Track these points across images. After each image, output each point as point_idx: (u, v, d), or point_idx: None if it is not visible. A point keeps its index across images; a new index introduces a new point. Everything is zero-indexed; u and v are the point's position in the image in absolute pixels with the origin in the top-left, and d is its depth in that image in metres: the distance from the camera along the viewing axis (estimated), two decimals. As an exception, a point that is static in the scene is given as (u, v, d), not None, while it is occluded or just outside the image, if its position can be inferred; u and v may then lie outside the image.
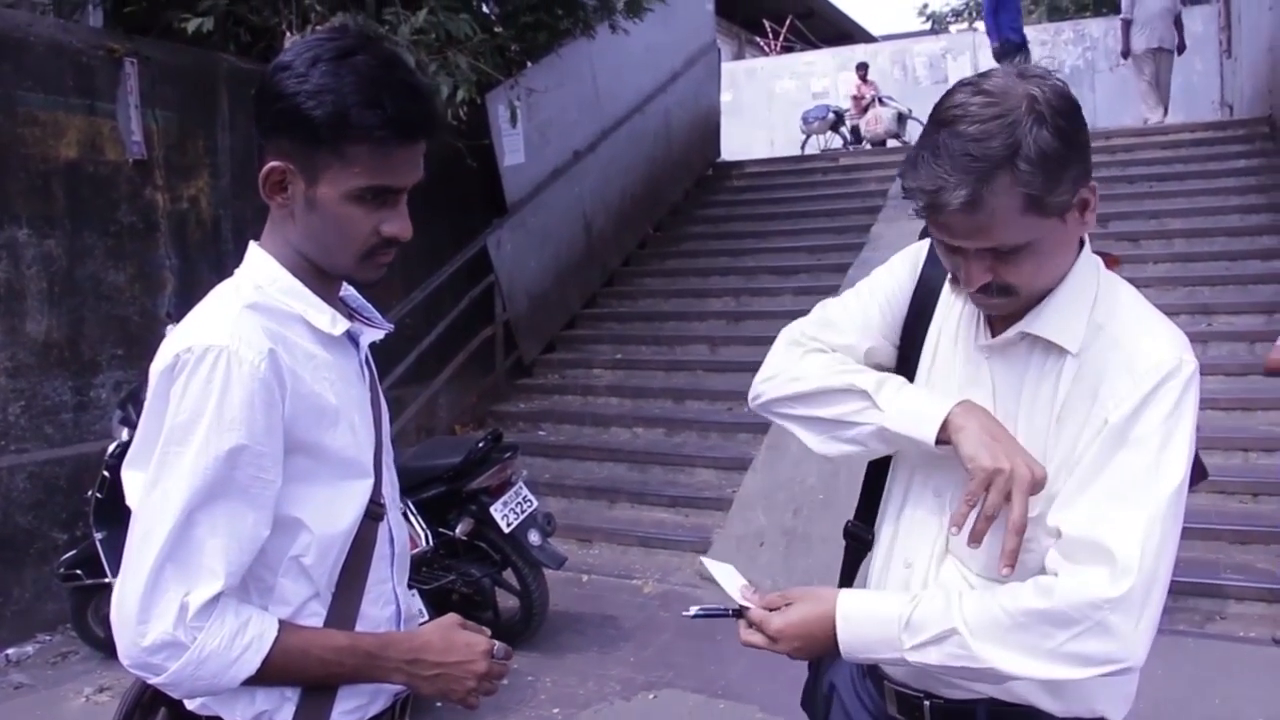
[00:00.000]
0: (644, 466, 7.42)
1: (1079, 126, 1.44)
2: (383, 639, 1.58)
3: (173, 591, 1.40)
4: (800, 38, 21.00)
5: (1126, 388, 1.45)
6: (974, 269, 1.50)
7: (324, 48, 1.48)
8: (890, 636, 1.51)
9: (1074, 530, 1.45)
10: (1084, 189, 1.47)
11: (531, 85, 8.06)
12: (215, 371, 1.43)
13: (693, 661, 4.83)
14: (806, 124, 16.22)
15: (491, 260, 8.32)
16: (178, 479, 1.42)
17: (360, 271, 1.58)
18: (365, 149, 1.46)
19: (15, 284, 5.31)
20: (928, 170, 1.43)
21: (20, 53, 5.34)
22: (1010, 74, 1.46)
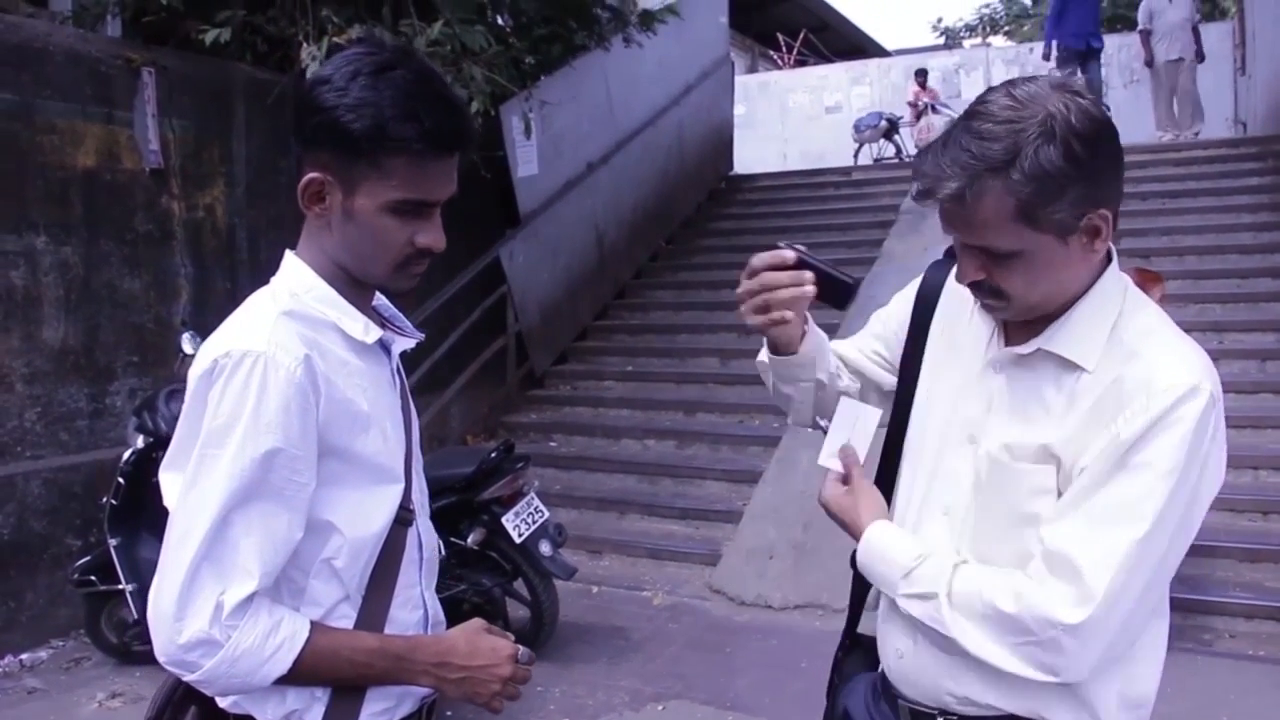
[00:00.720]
0: (654, 478, 7.43)
1: (1098, 153, 1.44)
2: (411, 642, 1.61)
3: (209, 590, 1.44)
4: (814, 51, 21.05)
5: (1139, 406, 1.45)
6: (966, 263, 1.55)
7: (363, 62, 1.51)
8: (891, 578, 1.64)
9: (1054, 544, 1.49)
10: (1093, 215, 1.47)
11: (545, 97, 8.09)
12: (253, 376, 1.46)
13: (702, 673, 4.83)
14: (858, 132, 15.76)
15: (504, 271, 8.34)
16: (215, 481, 1.45)
17: (394, 281, 1.62)
18: (402, 161, 1.50)
19: (32, 291, 5.35)
20: (934, 157, 1.48)
21: (40, 62, 5.39)
22: (1051, 84, 1.47)
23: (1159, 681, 1.63)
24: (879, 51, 22.55)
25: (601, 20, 8.68)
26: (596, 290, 9.83)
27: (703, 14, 11.56)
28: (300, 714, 1.56)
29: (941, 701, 1.66)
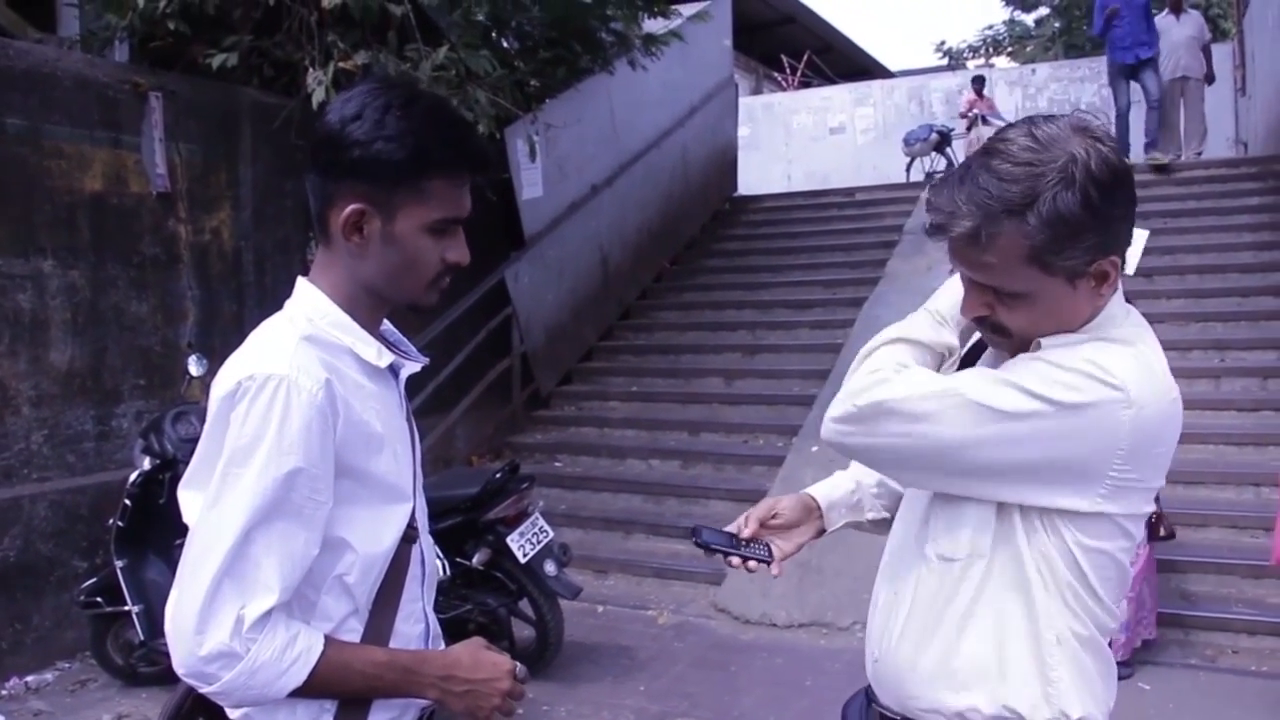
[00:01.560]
0: (659, 498, 7.44)
1: (1115, 201, 1.45)
2: (418, 655, 1.68)
3: (230, 604, 1.49)
4: (818, 73, 21.14)
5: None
6: (972, 298, 1.56)
7: (389, 95, 1.60)
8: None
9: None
10: (1104, 261, 1.48)
11: (550, 120, 8.14)
12: (276, 399, 1.51)
13: (706, 692, 4.84)
14: (908, 145, 15.23)
15: (509, 293, 8.38)
16: (238, 498, 1.50)
17: (425, 297, 1.70)
18: (442, 183, 1.60)
19: (40, 314, 5.40)
20: (949, 193, 1.49)
21: (48, 87, 5.45)
22: (1072, 126, 1.48)
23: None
24: (883, 73, 22.66)
25: (605, 43, 8.74)
26: (601, 311, 9.86)
27: (707, 37, 11.61)
28: None
29: (905, 707, 1.69)
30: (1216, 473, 6.31)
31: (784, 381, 8.49)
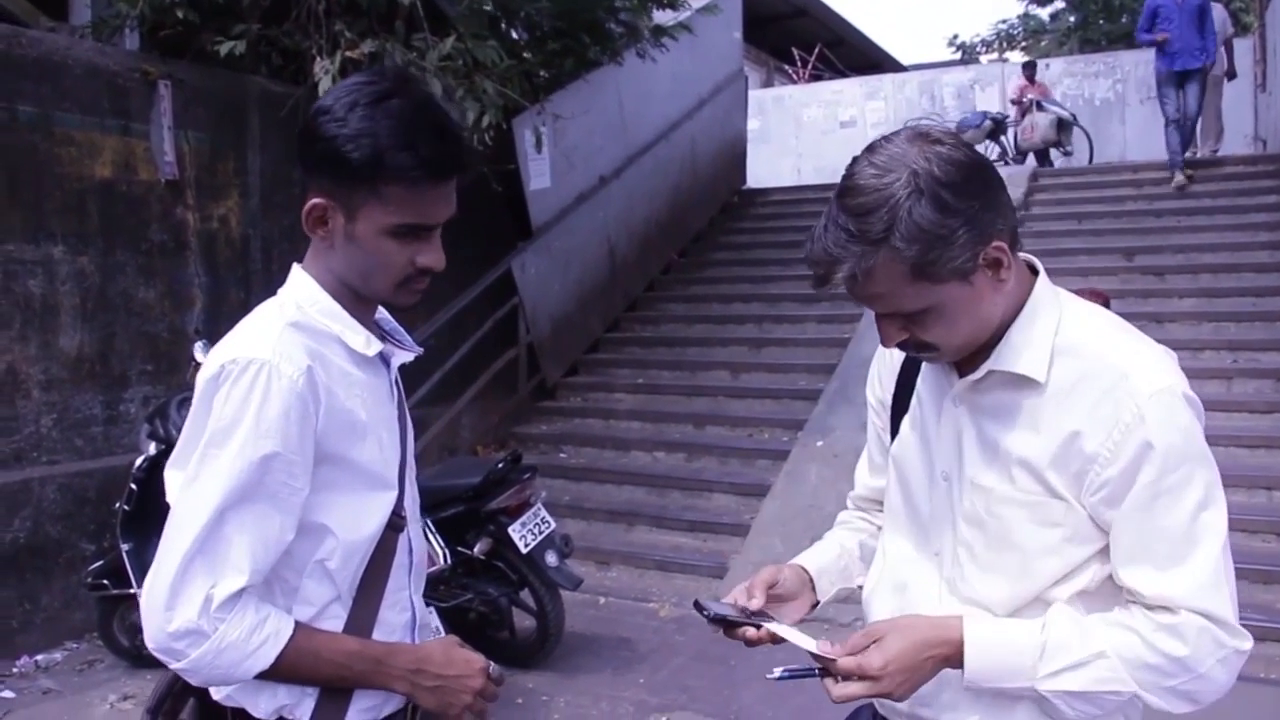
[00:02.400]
0: (663, 490, 7.46)
1: (970, 194, 1.45)
2: (390, 648, 1.67)
3: (200, 583, 1.50)
4: (829, 66, 21.09)
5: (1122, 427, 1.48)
6: (886, 329, 1.57)
7: (362, 92, 1.57)
8: (1024, 665, 1.50)
9: (1164, 595, 1.49)
10: (988, 249, 1.48)
11: (558, 111, 8.15)
12: (256, 383, 1.53)
13: (706, 685, 4.85)
14: (960, 134, 14.84)
15: (516, 283, 8.40)
16: (214, 479, 1.52)
17: (396, 298, 1.68)
18: (400, 189, 1.56)
19: (49, 300, 5.43)
20: (819, 244, 1.49)
21: (59, 75, 5.48)
22: (909, 138, 1.49)
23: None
24: (894, 67, 22.58)
25: (614, 35, 8.74)
26: (608, 302, 9.88)
27: (717, 29, 11.60)
28: (291, 708, 1.63)
29: (916, 716, 1.67)
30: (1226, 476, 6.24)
31: (790, 375, 8.49)
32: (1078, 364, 1.54)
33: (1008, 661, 1.52)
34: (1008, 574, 1.58)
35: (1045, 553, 1.55)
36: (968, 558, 1.62)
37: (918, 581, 1.70)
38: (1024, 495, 1.55)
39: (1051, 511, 1.54)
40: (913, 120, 1.60)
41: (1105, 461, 1.49)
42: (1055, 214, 10.52)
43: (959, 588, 1.63)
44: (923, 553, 1.71)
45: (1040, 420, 1.54)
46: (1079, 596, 1.56)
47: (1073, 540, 1.54)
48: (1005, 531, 1.57)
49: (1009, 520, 1.57)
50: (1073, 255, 9.37)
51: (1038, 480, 1.54)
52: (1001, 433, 1.58)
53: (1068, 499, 1.53)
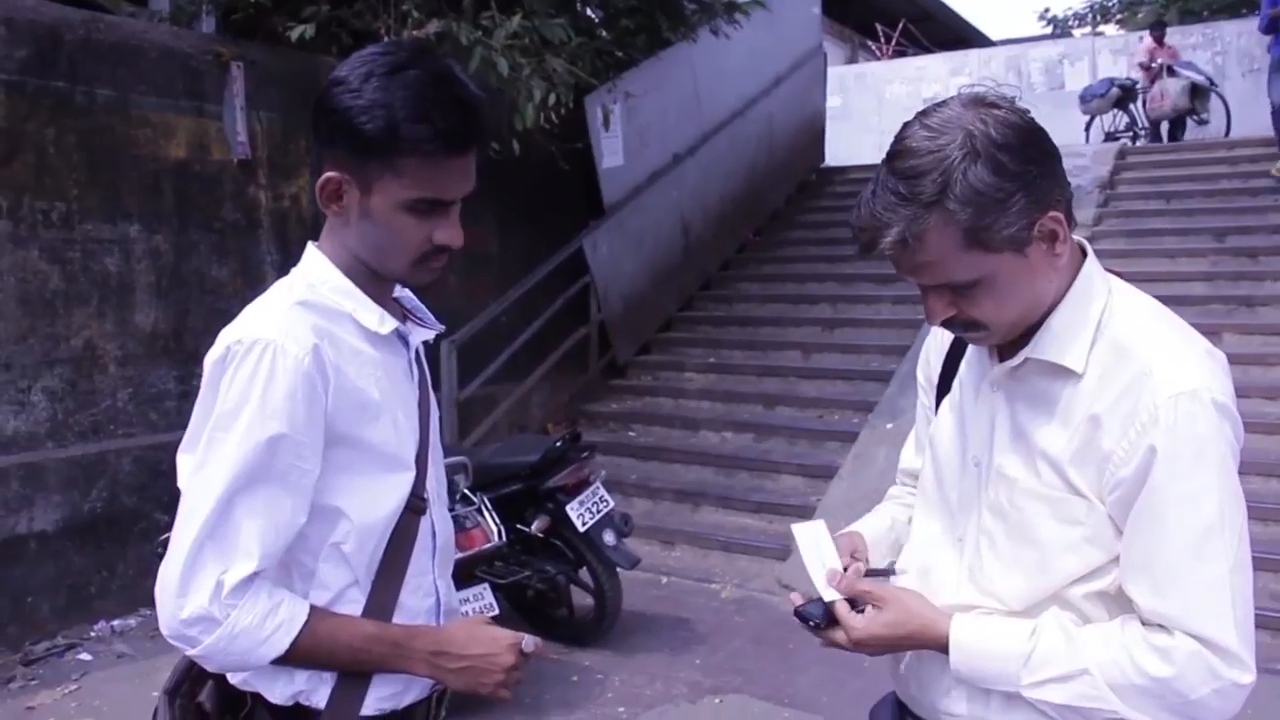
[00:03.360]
0: (731, 471, 7.42)
1: (1028, 158, 1.40)
2: (410, 630, 1.64)
3: (210, 569, 1.48)
4: (914, 42, 20.71)
5: (1138, 426, 1.41)
6: (934, 304, 1.50)
7: (377, 62, 1.53)
8: (1007, 671, 1.49)
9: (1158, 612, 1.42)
10: (1043, 219, 1.42)
11: (630, 89, 8.11)
12: (261, 363, 1.50)
13: (763, 668, 4.83)
14: (1084, 103, 13.84)
15: (588, 261, 8.40)
16: (220, 463, 1.50)
17: (413, 276, 1.65)
18: (415, 162, 1.52)
19: (126, 278, 5.58)
20: (866, 208, 1.44)
21: (135, 58, 5.61)
22: (964, 103, 1.44)
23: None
24: (982, 43, 22.09)
25: (688, 11, 8.66)
26: (681, 281, 9.83)
27: (795, 4, 11.46)
28: (308, 694, 1.60)
29: (937, 717, 1.64)
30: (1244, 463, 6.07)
31: (862, 356, 8.38)
32: (1111, 355, 1.47)
33: (991, 666, 1.52)
34: (1025, 569, 1.53)
35: (1064, 550, 1.50)
36: (988, 548, 1.58)
37: (940, 566, 1.67)
38: (1046, 489, 1.51)
39: (1073, 509, 1.48)
40: (966, 87, 1.53)
41: (1119, 461, 1.43)
42: (1142, 193, 10.22)
43: (977, 578, 1.60)
44: (948, 538, 1.67)
45: (1071, 413, 1.49)
46: (1098, 597, 1.51)
47: (1093, 541, 1.48)
48: (1026, 525, 1.53)
49: (1030, 514, 1.52)
50: (1159, 236, 9.09)
51: (1059, 475, 1.49)
52: (1032, 422, 1.53)
53: (1089, 497, 1.47)
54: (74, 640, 5.16)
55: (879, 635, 1.58)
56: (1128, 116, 13.80)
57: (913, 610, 1.59)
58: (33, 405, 5.19)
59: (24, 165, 5.16)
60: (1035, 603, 1.53)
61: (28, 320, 5.16)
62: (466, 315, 7.38)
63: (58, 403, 5.29)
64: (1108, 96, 13.62)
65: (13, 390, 5.11)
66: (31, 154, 5.19)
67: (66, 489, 5.27)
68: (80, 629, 5.23)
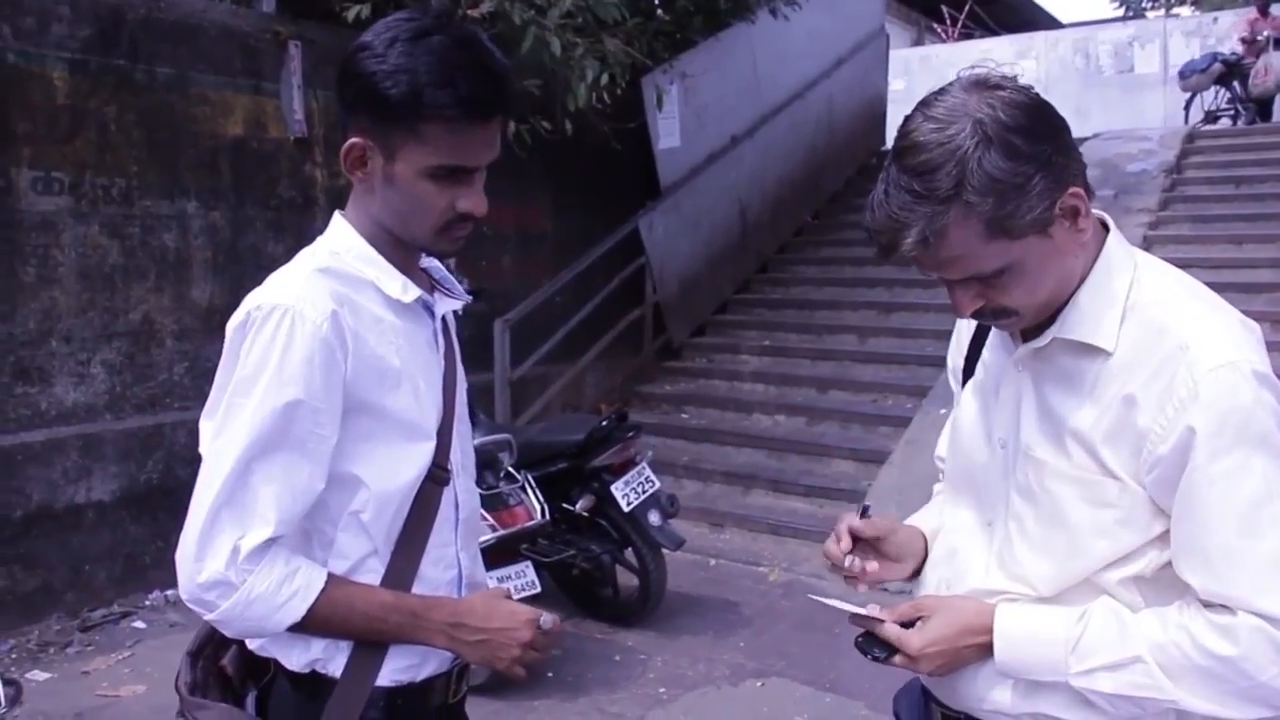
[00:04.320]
0: (782, 454, 7.38)
1: (1041, 136, 1.36)
2: (428, 601, 1.63)
3: (227, 534, 1.49)
4: (981, 25, 20.37)
5: (1182, 398, 1.36)
6: (960, 297, 1.46)
7: (402, 28, 1.52)
8: (1055, 658, 1.45)
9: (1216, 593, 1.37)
10: (1064, 197, 1.37)
11: (688, 70, 8.07)
12: (280, 329, 1.51)
13: (806, 653, 4.80)
14: (1184, 79, 13.23)
15: (644, 242, 8.38)
16: (238, 429, 1.50)
17: (436, 244, 1.65)
18: (439, 128, 1.51)
19: (183, 253, 5.66)
20: (881, 210, 1.39)
21: (195, 37, 5.68)
22: (965, 88, 1.39)
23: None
24: (1051, 25, 21.66)
25: (747, -8, 8.59)
26: (738, 264, 9.78)
27: (857, -14, 11.35)
28: (324, 663, 1.61)
29: (967, 706, 1.60)
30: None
31: (918, 341, 8.28)
32: (1143, 331, 1.42)
33: (1037, 654, 1.47)
34: (1056, 553, 1.49)
35: (1096, 534, 1.45)
36: (1017, 532, 1.54)
37: (967, 551, 1.63)
38: (1077, 471, 1.46)
39: (1105, 491, 1.44)
40: (966, 70, 1.48)
41: (1157, 439, 1.38)
42: (1210, 178, 9.97)
43: (1006, 562, 1.55)
44: (977, 522, 1.63)
45: (1103, 392, 1.44)
46: (1134, 582, 1.46)
47: (1126, 524, 1.43)
48: (1056, 508, 1.48)
49: (1060, 496, 1.47)
50: (1227, 221, 8.87)
51: (1091, 456, 1.45)
52: (1061, 402, 1.48)
53: (1123, 479, 1.42)
54: (129, 608, 5.27)
55: (936, 641, 1.53)
56: (1230, 93, 13.14)
57: (958, 606, 1.55)
58: (92, 378, 5.30)
59: (86, 142, 5.25)
60: (1066, 588, 1.49)
61: (87, 294, 5.26)
62: (520, 295, 7.42)
63: (116, 375, 5.39)
64: (1209, 72, 12.92)
65: (72, 363, 5.22)
66: (93, 131, 5.28)
67: (123, 460, 5.37)
68: (136, 597, 5.34)
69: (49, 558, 5.12)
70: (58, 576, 5.15)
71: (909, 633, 1.54)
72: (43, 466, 5.09)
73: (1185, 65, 13.42)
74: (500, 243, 7.66)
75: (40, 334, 5.10)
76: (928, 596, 1.63)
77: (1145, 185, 9.70)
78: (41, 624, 5.03)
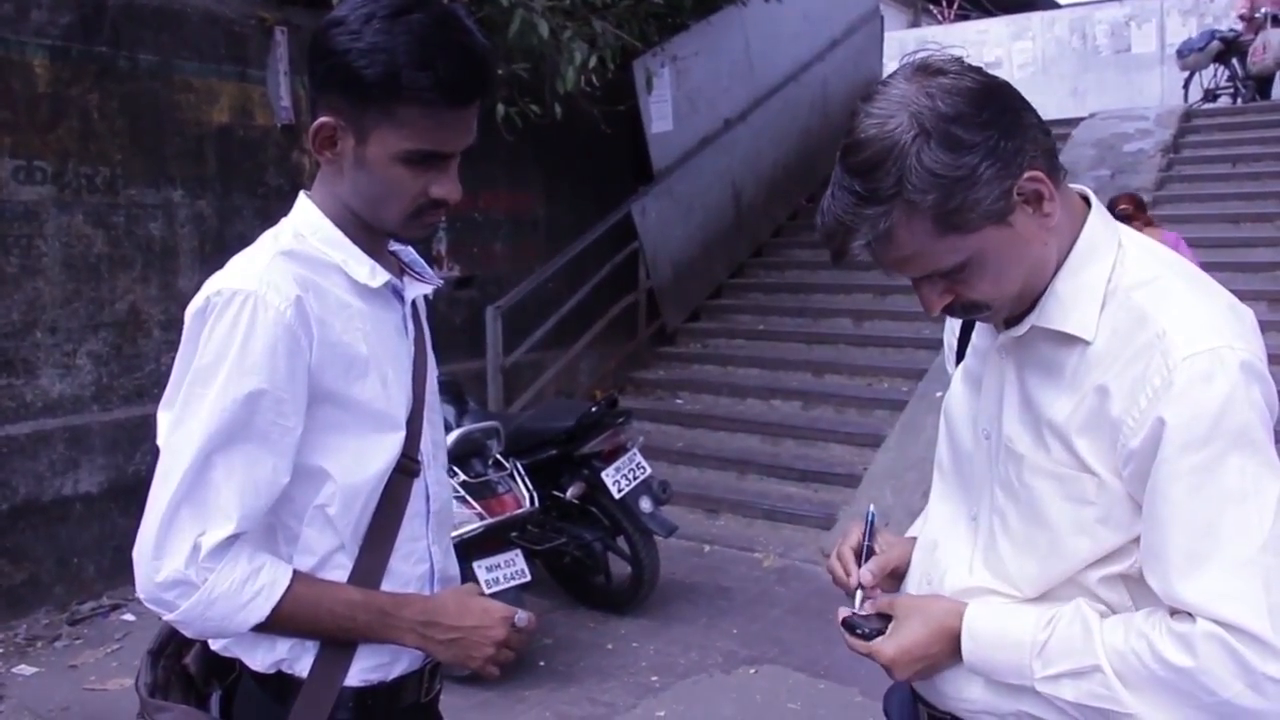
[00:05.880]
0: (777, 439, 7.34)
1: (985, 123, 1.27)
2: (398, 598, 1.58)
3: (187, 531, 1.43)
4: (977, 6, 20.25)
5: (1149, 393, 1.28)
6: (928, 294, 1.39)
7: (379, 4, 1.45)
8: (1021, 662, 1.39)
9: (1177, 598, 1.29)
10: (1021, 182, 1.30)
11: (680, 52, 8.00)
12: (241, 315, 1.44)
13: (800, 639, 4.77)
14: (1182, 58, 13.05)
15: (636, 227, 8.32)
16: (198, 420, 1.43)
17: (406, 230, 1.58)
18: (415, 111, 1.45)
19: (169, 242, 5.61)
20: (830, 214, 1.34)
21: (178, 23, 5.61)
22: (907, 76, 1.32)
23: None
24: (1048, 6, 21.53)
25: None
26: (732, 248, 9.72)
27: (851, -34, 11.26)
28: (289, 663, 1.55)
29: (951, 707, 1.54)
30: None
31: (914, 324, 8.22)
32: (1124, 317, 1.34)
33: (1003, 656, 1.41)
34: (1038, 551, 1.42)
35: (1076, 532, 1.38)
36: (1000, 528, 1.47)
37: (950, 543, 1.57)
38: (1054, 466, 1.38)
39: (1083, 486, 1.36)
40: (908, 55, 1.40)
41: (1130, 431, 1.30)
42: (1207, 156, 9.94)
43: (990, 560, 1.49)
44: (962, 515, 1.57)
45: (1080, 381, 1.36)
46: (1119, 580, 1.39)
47: (1105, 521, 1.36)
48: (1035, 504, 1.41)
49: (1039, 492, 1.40)
50: (1224, 200, 8.83)
51: (1068, 449, 1.37)
52: (1040, 393, 1.41)
53: (1099, 474, 1.34)
54: (118, 601, 5.23)
55: (909, 648, 1.46)
56: (1229, 71, 12.95)
57: (929, 608, 1.48)
58: (78, 369, 5.25)
59: (68, 131, 5.19)
60: (1050, 588, 1.42)
61: (72, 285, 5.21)
62: (513, 281, 7.37)
63: (102, 366, 5.34)
64: (1207, 50, 12.74)
65: (58, 354, 5.17)
66: (76, 120, 5.22)
67: (110, 452, 5.33)
68: (124, 590, 5.29)
69: (36, 551, 5.08)
70: (45, 570, 5.11)
71: (880, 641, 1.49)
72: (29, 459, 5.04)
73: (1183, 44, 13.27)
74: (492, 228, 7.60)
75: (25, 325, 5.05)
76: (902, 596, 1.58)
77: (1142, 165, 9.65)
78: (29, 618, 4.99)
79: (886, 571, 1.65)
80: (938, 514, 1.65)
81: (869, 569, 1.63)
